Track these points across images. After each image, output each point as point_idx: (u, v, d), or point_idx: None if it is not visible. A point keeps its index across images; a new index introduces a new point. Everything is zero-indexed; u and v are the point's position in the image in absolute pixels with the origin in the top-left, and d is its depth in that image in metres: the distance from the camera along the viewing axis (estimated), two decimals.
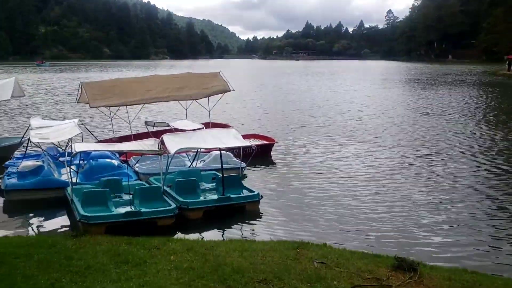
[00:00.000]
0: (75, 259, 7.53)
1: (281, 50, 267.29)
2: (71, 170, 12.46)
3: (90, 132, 17.36)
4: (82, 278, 6.82)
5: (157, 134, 14.11)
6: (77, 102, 17.01)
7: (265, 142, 17.84)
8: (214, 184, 12.46)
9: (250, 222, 10.98)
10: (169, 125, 15.34)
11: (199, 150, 13.20)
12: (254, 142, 17.30)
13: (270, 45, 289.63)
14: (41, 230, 10.11)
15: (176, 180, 11.73)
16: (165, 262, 7.52)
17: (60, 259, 7.49)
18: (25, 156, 13.49)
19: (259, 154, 16.46)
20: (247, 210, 11.42)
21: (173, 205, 10.54)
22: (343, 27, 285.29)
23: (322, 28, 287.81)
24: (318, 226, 10.65)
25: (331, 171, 15.54)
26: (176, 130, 14.12)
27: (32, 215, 11.06)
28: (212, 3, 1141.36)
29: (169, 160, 11.49)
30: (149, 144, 11.42)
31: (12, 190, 11.60)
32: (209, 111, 17.49)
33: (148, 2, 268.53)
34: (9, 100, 16.69)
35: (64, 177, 12.69)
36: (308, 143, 20.26)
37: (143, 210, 10.24)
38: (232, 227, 10.67)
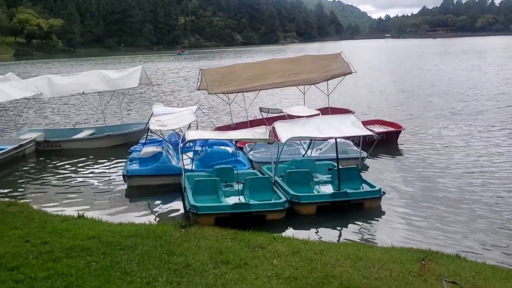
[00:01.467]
0: (176, 255, 7.21)
1: (416, 28, 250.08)
2: (188, 157, 12.56)
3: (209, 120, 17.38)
4: (179, 278, 6.42)
5: (271, 121, 13.53)
6: (198, 89, 17.16)
7: (391, 129, 16.10)
8: (330, 176, 11.39)
9: (368, 222, 9.72)
10: (282, 112, 14.59)
11: (313, 138, 12.20)
12: (378, 129, 15.80)
13: (404, 23, 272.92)
14: (155, 217, 10.13)
15: (287, 170, 10.93)
16: (266, 267, 6.78)
17: (162, 254, 7.22)
18: (150, 142, 13.90)
19: (384, 143, 15.00)
20: (365, 208, 10.16)
21: (283, 199, 9.79)
22: (489, 0, 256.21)
23: (463, 1, 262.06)
24: (450, 232, 8.97)
25: (470, 166, 13.27)
26: (290, 116, 13.32)
27: (149, 201, 11.22)
28: None
29: (280, 149, 10.73)
30: (260, 132, 10.79)
31: (133, 176, 11.94)
32: (327, 96, 16.34)
33: None
34: (136, 87, 17.46)
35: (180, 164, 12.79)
36: (443, 132, 17.73)
37: (251, 202, 9.67)
38: (347, 227, 9.51)
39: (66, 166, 14.56)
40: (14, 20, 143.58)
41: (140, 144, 14.57)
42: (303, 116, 12.77)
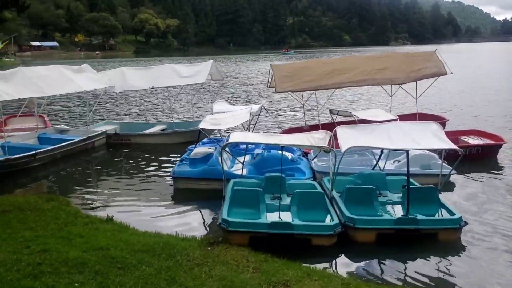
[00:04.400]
0: (176, 284, 6.01)
1: None
2: (238, 161, 11.34)
3: (274, 120, 15.92)
4: None
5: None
6: (269, 87, 15.77)
7: (489, 141, 13.29)
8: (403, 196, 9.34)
9: (444, 259, 7.60)
10: (351, 114, 12.64)
11: (381, 148, 10.19)
12: (474, 141, 13.16)
13: None
14: (187, 228, 8.98)
15: (346, 186, 9.13)
16: None
17: (160, 281, 6.07)
18: (209, 142, 12.94)
19: (481, 157, 12.40)
20: (440, 240, 8.04)
21: (336, 221, 8.06)
22: None
23: None
24: None
25: None
26: (361, 121, 11.39)
27: (190, 208, 10.13)
28: None
29: (339, 159, 8.97)
30: (318, 137, 9.14)
31: (179, 178, 11.00)
32: (416, 99, 13.99)
33: None
34: (204, 83, 16.65)
35: (234, 168, 11.61)
36: None
37: (295, 221, 8.09)
38: (413, 264, 7.50)
39: (129, 162, 14.19)
40: (136, 19, 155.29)
41: (201, 143, 13.66)
42: (376, 121, 10.78)
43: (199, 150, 11.74)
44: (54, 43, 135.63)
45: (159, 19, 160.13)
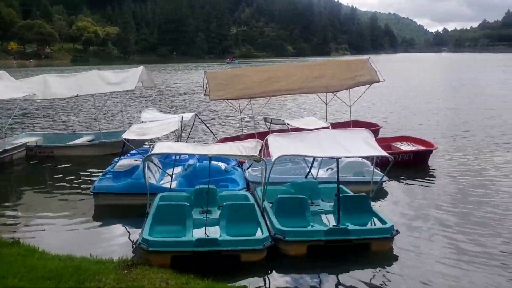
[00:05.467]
0: None
1: (474, 42, 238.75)
2: (167, 174, 10.65)
3: (209, 129, 15.36)
4: None
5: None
6: (204, 95, 15.19)
7: (420, 147, 13.46)
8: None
9: (376, 269, 7.34)
10: (284, 123, 12.34)
11: (311, 157, 9.91)
12: (406, 147, 13.27)
13: (462, 37, 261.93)
14: (105, 249, 8.17)
15: (278, 196, 8.72)
16: None
17: None
18: (139, 152, 12.08)
19: (413, 163, 12.49)
20: (373, 250, 7.78)
21: (264, 234, 7.59)
22: None
23: None
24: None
25: None
26: (294, 129, 11.10)
27: (111, 226, 9.29)
28: None
29: (269, 168, 8.54)
30: (249, 147, 8.67)
31: (100, 193, 10.13)
32: (350, 107, 13.96)
33: None
34: (133, 90, 15.80)
35: (164, 181, 10.90)
36: (487, 154, 14.71)
37: (222, 237, 7.53)
38: (346, 276, 7.17)
39: (49, 176, 13.09)
40: (73, 27, 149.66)
41: (128, 155, 12.81)
42: (308, 129, 10.50)
43: (124, 162, 10.90)
44: None
45: (98, 27, 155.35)
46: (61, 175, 13.00)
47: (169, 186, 10.04)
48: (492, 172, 12.49)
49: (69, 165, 14.00)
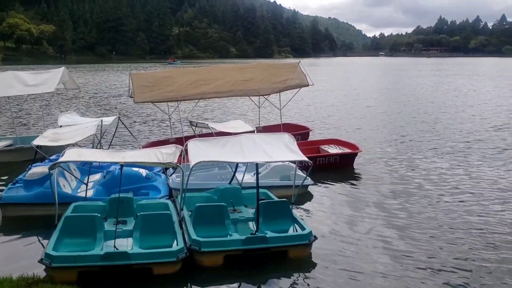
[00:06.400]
0: None
1: (409, 47, 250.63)
2: (82, 182, 10.02)
3: (131, 133, 14.83)
4: None
5: (203, 137, 11.14)
6: (130, 97, 14.56)
7: (346, 150, 13.65)
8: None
9: (294, 277, 7.23)
10: (208, 127, 12.07)
11: (230, 163, 9.72)
12: (332, 150, 13.44)
13: (398, 41, 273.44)
14: (7, 265, 7.49)
15: (196, 204, 8.40)
16: None
17: None
18: (50, 160, 11.29)
19: (339, 166, 12.64)
20: (291, 258, 7.66)
21: (179, 245, 7.24)
22: (482, 22, 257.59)
23: (457, 23, 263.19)
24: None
25: (439, 203, 10.69)
26: (219, 133, 10.85)
27: (18, 241, 8.56)
28: (339, 1, 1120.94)
29: (187, 176, 8.21)
30: (167, 153, 8.29)
31: (7, 204, 9.35)
32: (280, 110, 13.91)
33: (274, 2, 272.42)
34: (53, 92, 14.89)
35: (81, 189, 10.25)
36: (407, 157, 15.04)
37: (133, 250, 7.10)
38: (264, 286, 7.00)
39: None
40: (4, 24, 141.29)
41: (47, 161, 11.97)
42: (233, 133, 10.28)
43: (36, 170, 10.11)
44: None
45: (32, 25, 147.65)
46: None
47: (84, 195, 9.44)
48: (417, 177, 12.73)
49: None
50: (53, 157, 11.47)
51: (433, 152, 15.70)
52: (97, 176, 10.87)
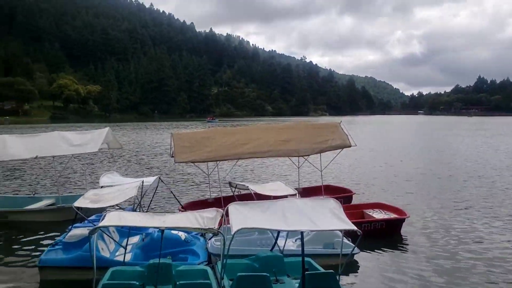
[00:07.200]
0: None
1: (449, 105, 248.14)
2: (120, 246, 9.78)
3: (172, 193, 14.73)
4: None
5: (243, 199, 10.86)
6: (171, 156, 14.59)
7: (393, 215, 12.93)
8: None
9: None
10: (248, 188, 11.75)
11: (273, 230, 9.28)
12: (377, 215, 12.77)
13: (437, 100, 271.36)
14: None
15: (238, 274, 7.96)
16: None
17: None
18: (89, 222, 11.16)
19: (385, 232, 11.96)
20: None
21: None
22: None
23: (498, 82, 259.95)
24: None
25: (498, 285, 9.57)
26: (258, 196, 10.52)
27: None
28: (375, 61, 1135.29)
29: (228, 242, 7.84)
30: (207, 217, 8.01)
31: (46, 267, 9.18)
32: (321, 171, 13.53)
33: (310, 62, 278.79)
34: (96, 152, 15.14)
35: (120, 252, 10.01)
36: (462, 226, 13.70)
37: None
38: None
39: None
40: (54, 85, 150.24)
41: (86, 221, 11.90)
42: (274, 196, 9.94)
43: (76, 232, 10.01)
44: None
45: (80, 85, 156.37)
46: (10, 244, 11.99)
47: (122, 259, 9.18)
48: (469, 242, 11.88)
49: (23, 232, 12.98)
50: (93, 217, 11.36)
51: (492, 222, 14.16)
52: (135, 239, 10.66)
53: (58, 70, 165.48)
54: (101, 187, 11.64)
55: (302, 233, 7.78)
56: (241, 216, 7.96)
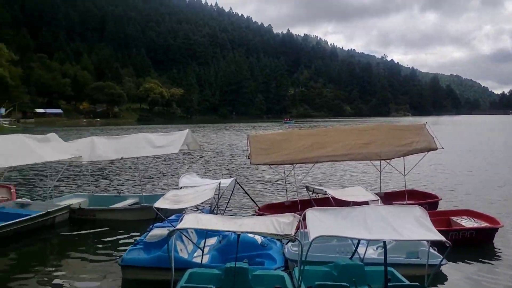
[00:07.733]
0: None
1: None
2: (198, 247, 9.85)
3: (249, 195, 14.65)
4: None
5: (320, 203, 10.50)
6: (247, 158, 14.58)
7: (484, 224, 11.84)
8: None
9: None
10: (326, 193, 11.29)
11: (353, 239, 8.79)
12: (467, 223, 11.74)
13: None
14: None
15: (316, 283, 7.65)
16: None
17: None
18: (170, 220, 11.42)
19: (475, 242, 10.99)
20: None
21: None
22: None
23: None
24: None
25: None
26: (336, 201, 10.09)
27: None
28: (460, 58, 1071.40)
29: (306, 249, 7.57)
30: (284, 222, 7.79)
31: (127, 266, 9.48)
32: (404, 175, 12.76)
33: (392, 60, 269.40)
34: (177, 153, 15.55)
35: (197, 253, 10.11)
36: None
37: None
38: None
39: (84, 243, 12.56)
40: (141, 88, 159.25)
41: (166, 221, 12.19)
42: (353, 202, 9.48)
43: (156, 232, 10.26)
44: (59, 110, 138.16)
45: (164, 89, 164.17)
46: (96, 241, 12.60)
47: (200, 261, 9.25)
48: None
49: (108, 229, 13.64)
50: (172, 217, 11.61)
51: None
52: (213, 240, 10.73)
53: (144, 74, 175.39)
54: (181, 187, 11.88)
55: (385, 242, 7.30)
56: (320, 223, 7.66)
